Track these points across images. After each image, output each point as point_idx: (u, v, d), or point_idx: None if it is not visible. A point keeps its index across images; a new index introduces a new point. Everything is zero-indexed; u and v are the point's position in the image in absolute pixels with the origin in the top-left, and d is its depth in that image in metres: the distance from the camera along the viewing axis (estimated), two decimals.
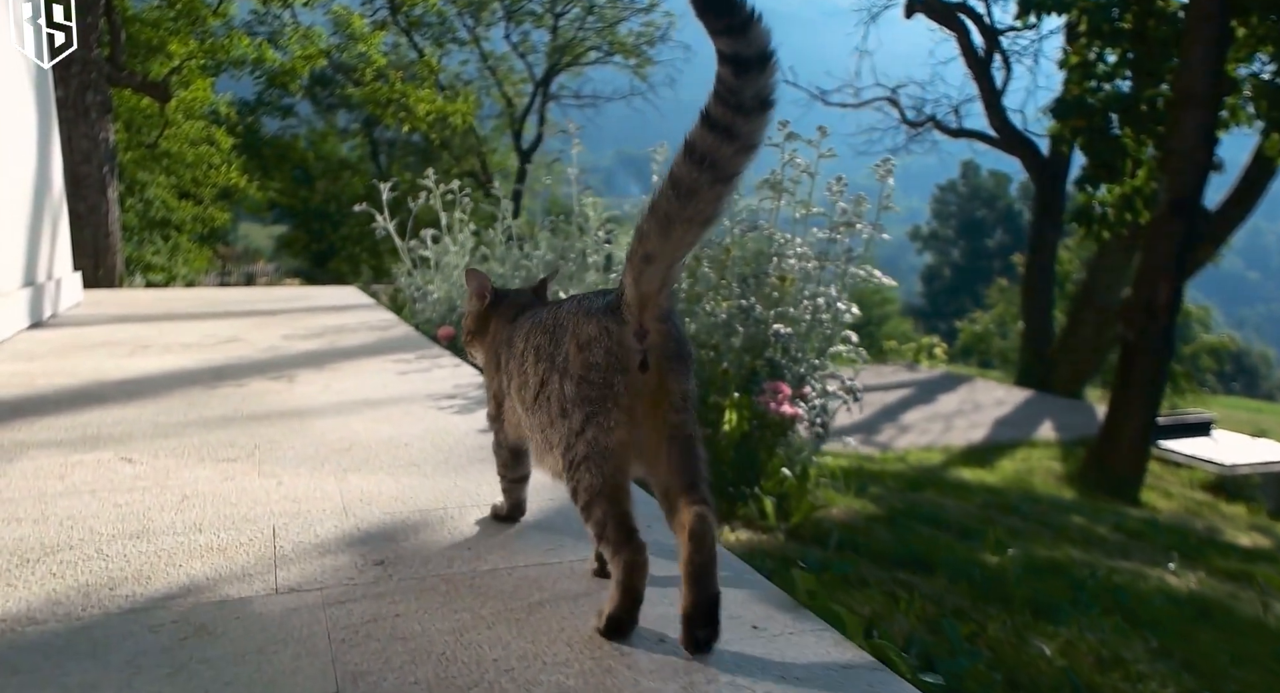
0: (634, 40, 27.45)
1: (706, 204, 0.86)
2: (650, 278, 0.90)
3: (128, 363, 2.75)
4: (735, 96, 0.81)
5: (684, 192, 0.85)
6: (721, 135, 0.83)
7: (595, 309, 0.95)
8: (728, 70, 0.80)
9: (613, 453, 0.93)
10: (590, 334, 0.94)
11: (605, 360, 0.93)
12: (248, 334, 3.48)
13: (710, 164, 0.84)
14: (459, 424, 1.96)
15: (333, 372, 2.63)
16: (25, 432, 1.87)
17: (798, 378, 2.69)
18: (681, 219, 0.87)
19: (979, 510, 3.47)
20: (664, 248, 0.88)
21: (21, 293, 3.52)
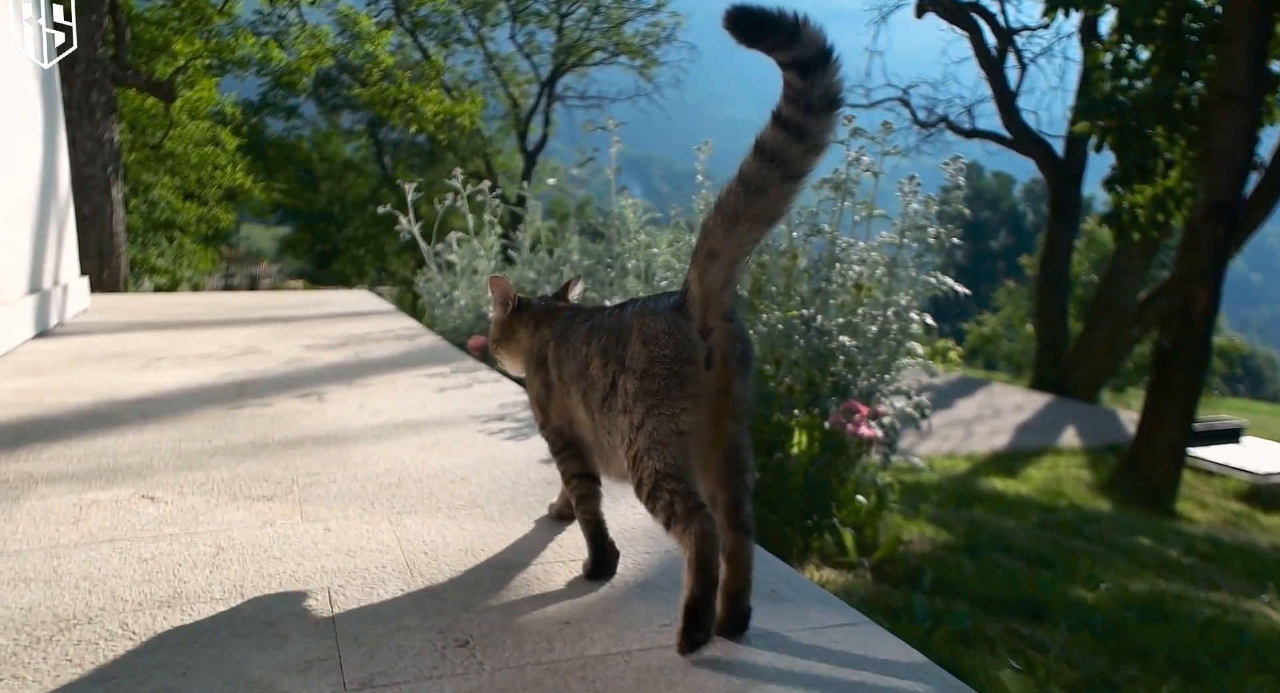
0: (640, 41, 27.29)
1: (773, 202, 0.88)
2: (714, 275, 0.91)
3: (142, 378, 2.55)
4: (804, 97, 0.82)
5: (753, 189, 0.87)
6: (792, 134, 0.84)
7: (660, 308, 0.96)
8: (793, 74, 0.82)
9: (675, 441, 0.92)
10: (657, 330, 0.94)
11: (672, 353, 0.93)
12: (267, 344, 3.28)
13: (780, 162, 0.86)
14: (516, 453, 1.76)
15: (364, 388, 2.43)
16: (33, 462, 1.67)
17: (864, 394, 2.49)
18: (748, 216, 0.88)
19: (1039, 531, 3.27)
20: (728, 244, 0.90)
21: (27, 300, 3.33)
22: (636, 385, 0.94)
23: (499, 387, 2.50)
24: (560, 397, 1.14)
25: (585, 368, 1.05)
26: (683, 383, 0.92)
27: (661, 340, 0.94)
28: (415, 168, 26.32)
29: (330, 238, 26.24)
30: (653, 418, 0.93)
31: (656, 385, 0.93)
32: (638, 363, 0.95)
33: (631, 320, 0.99)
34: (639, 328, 0.97)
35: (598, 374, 1.02)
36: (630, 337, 0.97)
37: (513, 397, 2.34)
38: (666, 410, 0.92)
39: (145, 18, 12.96)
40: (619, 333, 1.00)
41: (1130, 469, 7.26)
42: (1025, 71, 16.93)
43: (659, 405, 0.92)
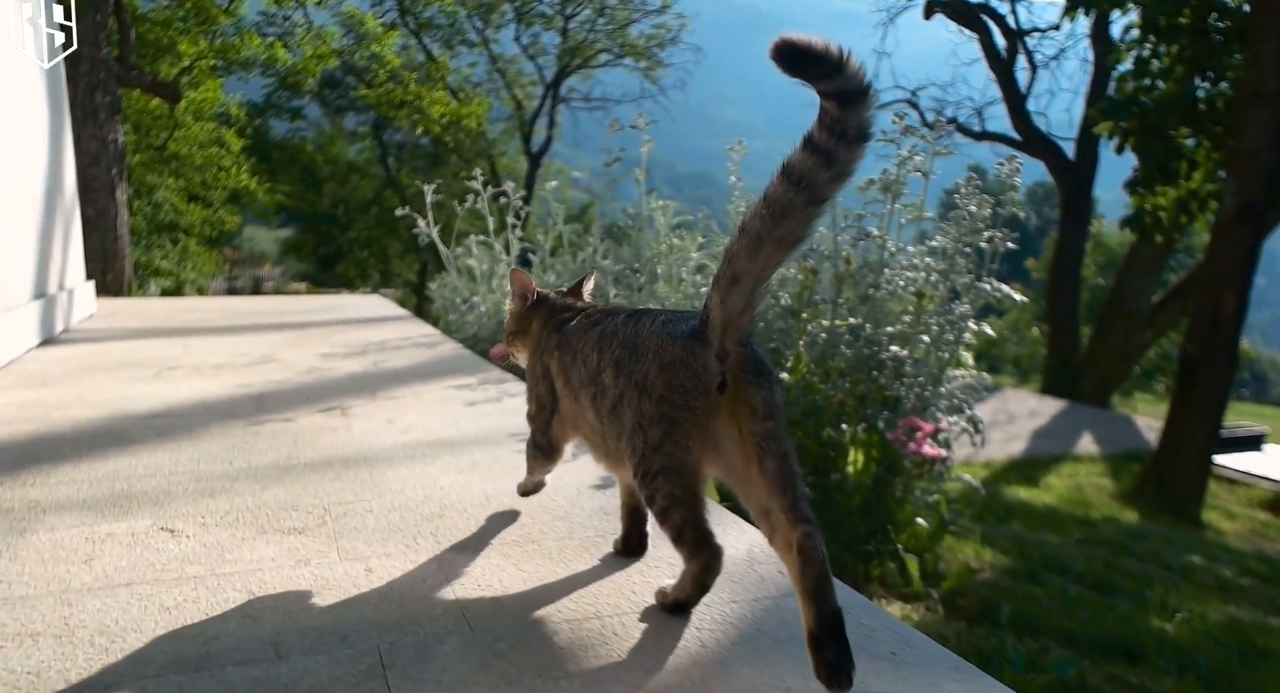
0: (645, 43, 27.19)
1: (798, 225, 0.89)
2: (736, 299, 0.93)
3: (154, 389, 2.41)
4: (840, 125, 0.84)
5: (778, 212, 0.88)
6: (821, 160, 0.85)
7: (680, 333, 0.98)
8: (832, 104, 0.83)
9: (687, 467, 0.98)
10: (675, 355, 0.97)
11: (690, 383, 0.95)
12: (281, 352, 3.14)
13: (807, 186, 0.87)
14: (564, 477, 1.62)
15: (389, 401, 2.30)
16: (41, 487, 1.53)
17: (916, 408, 2.35)
18: (772, 239, 0.89)
19: (1088, 550, 3.13)
20: (751, 268, 0.91)
21: (32, 306, 3.20)
22: (654, 409, 0.97)
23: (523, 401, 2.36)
24: (567, 402, 1.18)
25: (597, 375, 1.08)
26: (695, 412, 0.96)
27: (679, 369, 0.96)
28: (419, 170, 26.24)
29: (334, 240, 26.14)
30: (668, 443, 0.97)
31: (675, 413, 0.96)
32: (655, 388, 0.98)
33: (649, 341, 1.00)
34: (655, 351, 0.99)
35: (609, 383, 1.05)
36: (647, 357, 0.99)
37: None
38: (680, 437, 0.97)
39: (150, 18, 12.85)
40: (634, 349, 1.02)
41: (1155, 478, 7.11)
42: (1036, 73, 16.80)
43: (674, 432, 0.97)
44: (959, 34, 17.14)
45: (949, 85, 19.25)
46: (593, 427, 1.11)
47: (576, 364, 1.12)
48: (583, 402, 1.12)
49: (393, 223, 25.89)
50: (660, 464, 0.98)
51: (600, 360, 1.07)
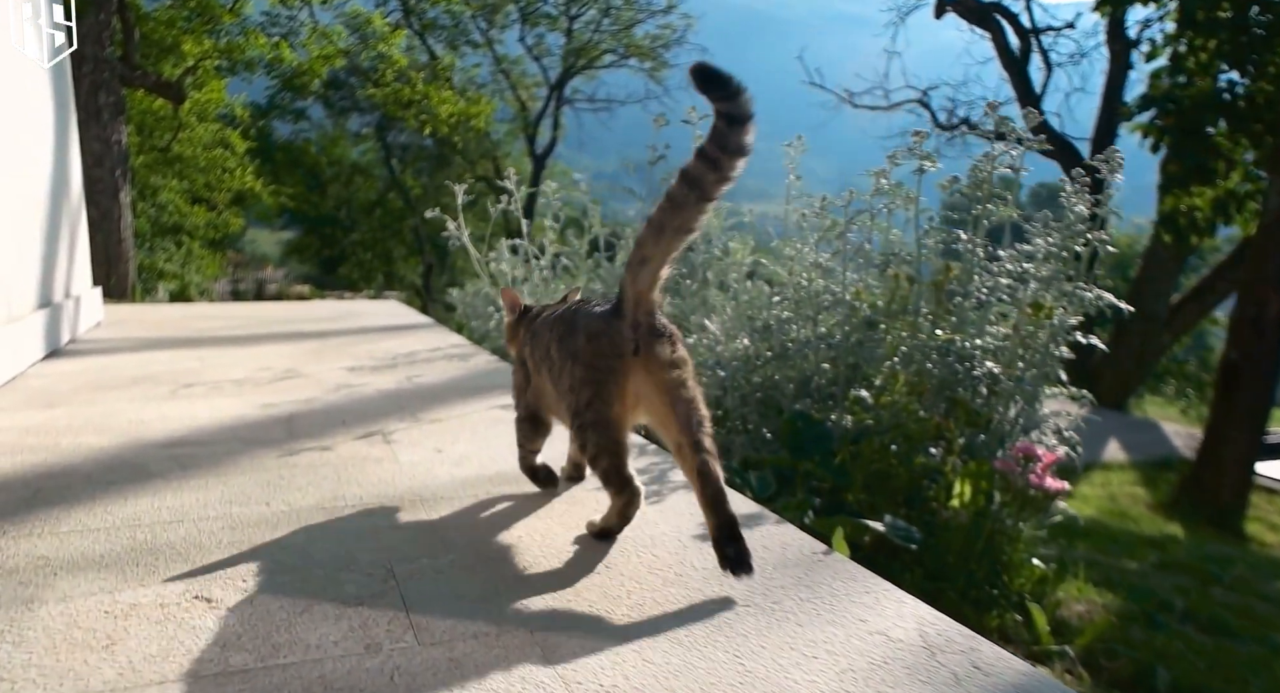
0: (650, 43, 27.01)
1: (691, 217, 1.13)
2: (644, 278, 1.16)
3: (171, 410, 2.19)
4: (725, 140, 1.08)
5: (676, 206, 1.12)
6: (710, 167, 1.09)
7: (601, 310, 1.23)
8: (723, 123, 1.07)
9: (612, 421, 1.20)
10: (598, 329, 1.20)
11: (610, 350, 1.18)
12: (304, 365, 2.92)
13: (698, 187, 1.11)
14: (658, 523, 1.40)
15: (433, 425, 2.07)
16: (51, 539, 1.31)
17: (1012, 431, 2.13)
18: (671, 228, 1.13)
19: (1171, 577, 2.90)
20: (656, 252, 1.15)
21: (37, 316, 2.97)
22: (583, 373, 1.20)
23: None
24: (535, 378, 1.42)
25: (548, 352, 1.32)
26: (616, 373, 1.18)
27: (600, 339, 1.19)
28: (423, 171, 26.05)
29: (337, 242, 25.92)
30: (596, 401, 1.19)
31: (597, 375, 1.18)
32: (583, 356, 1.20)
33: (580, 320, 1.25)
34: (584, 327, 1.23)
35: (556, 356, 1.28)
36: (578, 333, 1.23)
37: None
38: (605, 395, 1.18)
39: (154, 17, 12.64)
40: (570, 327, 1.26)
41: (1194, 487, 6.87)
42: (1051, 73, 16.58)
43: (600, 391, 1.18)
44: (970, 33, 16.93)
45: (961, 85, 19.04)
46: (551, 395, 1.36)
47: (538, 346, 1.38)
48: (541, 374, 1.38)
49: (396, 225, 25.68)
50: (590, 419, 1.20)
51: (549, 339, 1.32)
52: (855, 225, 2.31)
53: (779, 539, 1.32)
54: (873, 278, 2.45)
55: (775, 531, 1.36)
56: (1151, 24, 15.08)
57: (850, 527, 1.71)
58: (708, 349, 2.38)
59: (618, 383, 1.18)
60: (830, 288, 2.31)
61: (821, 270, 2.37)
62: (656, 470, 1.70)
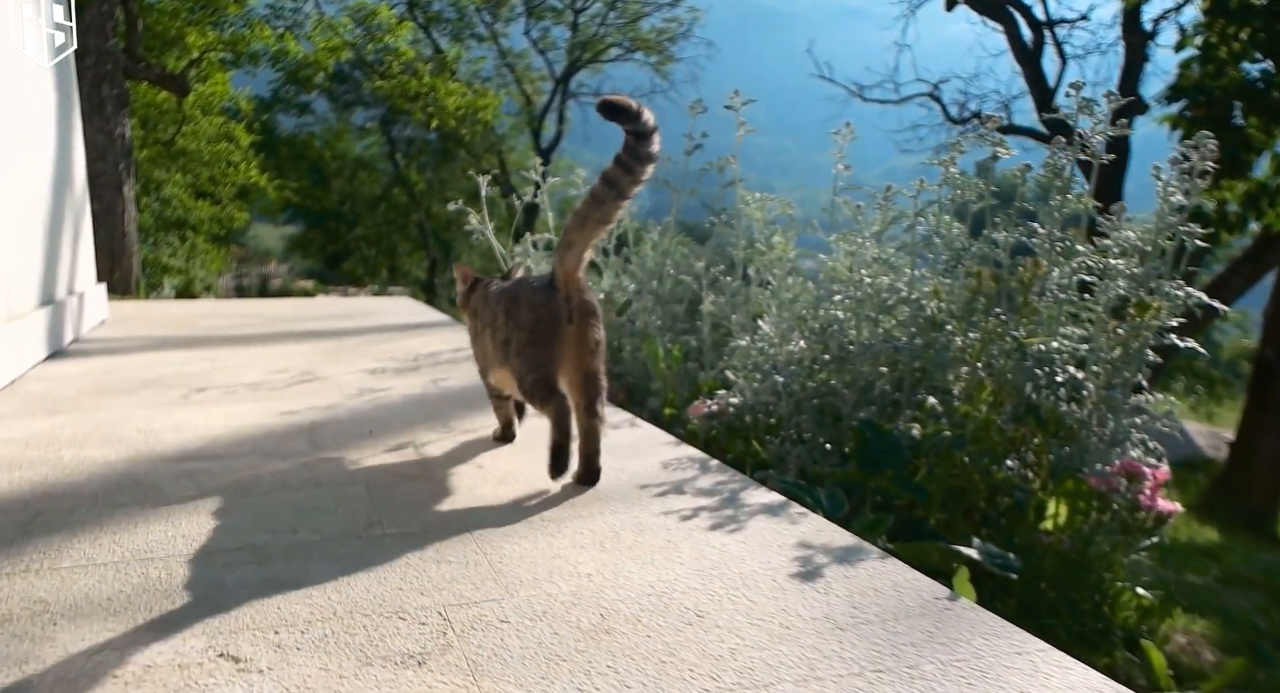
0: (656, 37, 26.77)
1: (610, 211, 1.43)
2: (570, 260, 1.46)
3: (183, 418, 2.02)
4: (636, 151, 1.38)
5: (598, 202, 1.41)
6: (624, 171, 1.40)
7: (539, 285, 1.51)
8: (632, 139, 1.37)
9: (552, 375, 1.47)
10: (539, 301, 1.48)
11: (547, 316, 1.46)
12: (322, 367, 2.75)
13: (615, 186, 1.40)
14: (744, 559, 1.22)
15: (468, 436, 1.90)
16: (50, 576, 1.14)
17: (1099, 444, 1.95)
18: (593, 220, 1.43)
19: (1242, 596, 2.73)
20: (579, 238, 1.45)
21: (39, 314, 2.81)
22: (528, 337, 1.48)
23: (640, 433, 1.96)
24: (480, 338, 1.69)
25: (494, 319, 1.60)
26: (553, 333, 1.46)
27: (541, 310, 1.47)
28: (427, 166, 25.88)
29: (341, 237, 25.75)
30: (539, 359, 1.47)
31: (539, 338, 1.47)
32: (527, 324, 1.49)
33: (524, 295, 1.52)
34: (527, 300, 1.50)
35: (501, 324, 1.56)
36: (522, 303, 1.51)
37: (668, 450, 1.80)
38: (544, 349, 1.46)
39: (158, 8, 12.46)
40: (515, 299, 1.54)
41: (1226, 490, 6.69)
42: (1066, 65, 16.35)
43: (539, 348, 1.47)
44: (982, 26, 16.70)
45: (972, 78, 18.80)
46: (494, 356, 1.61)
47: (485, 313, 1.65)
48: (486, 337, 1.64)
49: (401, 220, 25.52)
50: (535, 375, 1.45)
51: (497, 310, 1.59)
52: (924, 217, 2.13)
53: (890, 580, 1.14)
54: (933, 273, 2.27)
55: (882, 569, 1.18)
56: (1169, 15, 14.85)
57: (938, 553, 1.54)
58: (760, 352, 2.20)
59: (557, 345, 1.45)
60: (895, 285, 2.13)
61: (886, 267, 2.19)
62: (726, 490, 1.53)
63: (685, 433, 2.29)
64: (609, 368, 3.06)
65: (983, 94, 19.47)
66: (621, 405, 2.45)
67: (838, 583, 1.12)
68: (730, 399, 2.16)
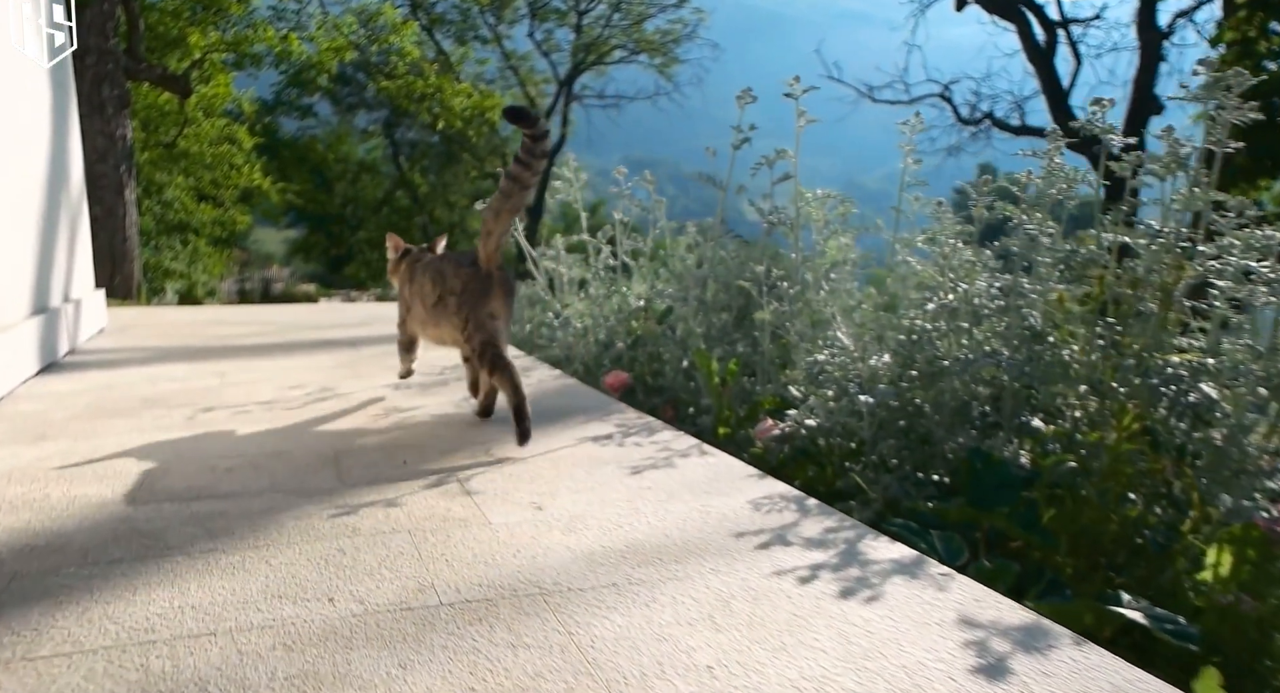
0: (660, 38, 26.58)
1: (517, 202, 1.80)
2: (490, 245, 1.83)
3: (189, 445, 1.77)
4: (533, 151, 1.75)
5: (506, 195, 1.79)
6: (525, 167, 1.76)
7: (465, 261, 1.87)
8: (530, 140, 1.73)
9: (488, 323, 1.82)
10: (464, 272, 1.85)
11: (474, 283, 1.83)
12: (340, 382, 2.50)
13: (519, 181, 1.77)
14: (911, 651, 0.97)
15: (519, 467, 1.65)
16: (22, 670, 0.89)
17: (1234, 474, 1.70)
18: (505, 209, 1.80)
19: None
20: (497, 227, 1.82)
21: (30, 324, 2.56)
22: (458, 299, 1.85)
23: (714, 464, 1.71)
24: (415, 306, 2.03)
25: (423, 287, 1.96)
26: (483, 296, 1.82)
27: (471, 279, 1.84)
28: (430, 168, 25.69)
29: (344, 241, 25.53)
30: (474, 315, 1.82)
31: (471, 299, 1.83)
32: (457, 287, 1.85)
33: (449, 267, 1.90)
34: (454, 270, 1.88)
35: (429, 291, 1.93)
36: (450, 274, 1.88)
37: (752, 485, 1.56)
38: (481, 309, 1.82)
39: (160, 8, 12.25)
40: (442, 270, 1.91)
41: None
42: (1080, 65, 16.11)
43: (475, 308, 1.82)
44: (992, 26, 16.48)
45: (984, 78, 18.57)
46: (423, 318, 1.98)
47: (417, 283, 2.00)
48: (417, 303, 1.99)
49: (404, 223, 25.30)
50: (473, 327, 1.83)
51: (425, 278, 1.96)
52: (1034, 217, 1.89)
53: (1104, 682, 0.89)
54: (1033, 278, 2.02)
55: (1085, 662, 0.93)
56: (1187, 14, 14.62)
57: (1092, 614, 1.29)
58: (837, 366, 1.96)
59: (486, 304, 1.80)
60: (993, 290, 1.89)
61: (982, 271, 1.95)
62: (840, 540, 1.28)
63: (750, 457, 2.04)
64: (652, 381, 2.83)
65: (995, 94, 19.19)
66: (669, 423, 2.21)
67: (1036, 684, 0.87)
68: (806, 421, 1.91)
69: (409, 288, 2.04)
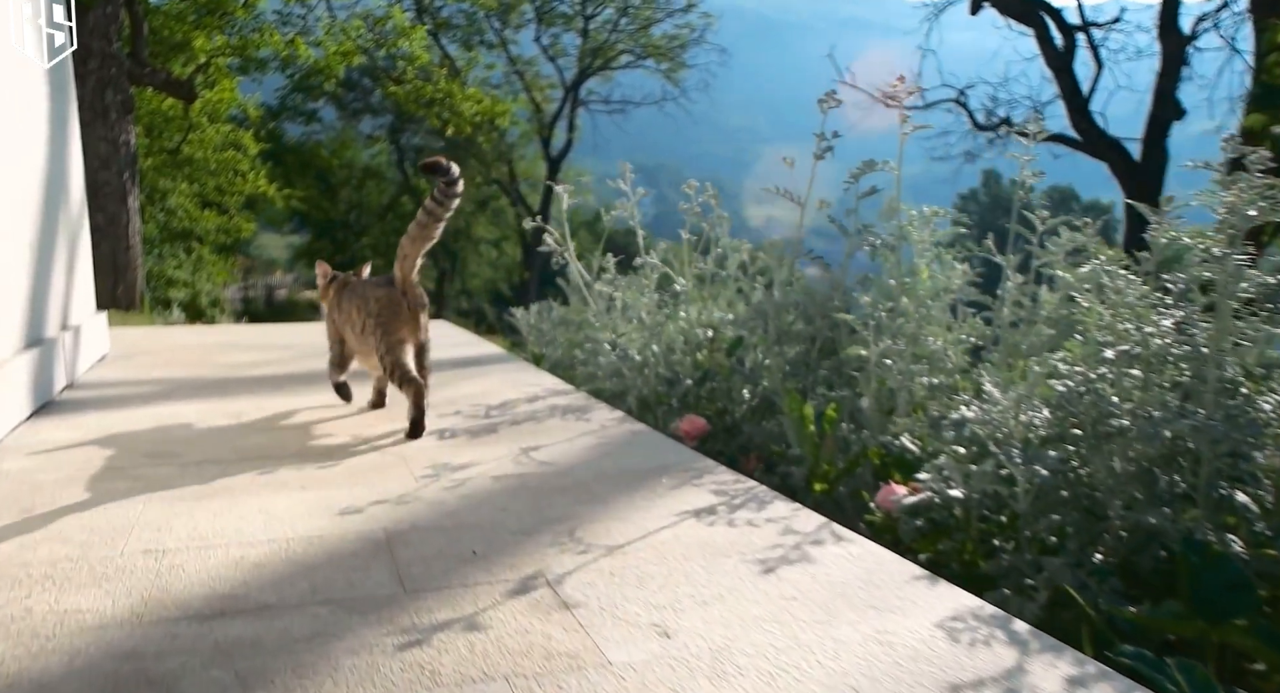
0: (668, 43, 26.33)
1: (431, 231, 2.04)
2: (406, 268, 2.06)
3: (207, 522, 1.45)
4: (448, 194, 2.00)
5: (422, 225, 2.03)
6: (439, 204, 2.00)
7: (383, 283, 2.10)
8: (442, 183, 1.99)
9: (396, 346, 2.04)
10: (384, 295, 2.06)
11: (389, 304, 2.06)
12: (372, 424, 2.17)
13: (433, 216, 2.02)
14: None
15: (618, 561, 1.32)
16: None
17: None
18: (421, 238, 2.05)
19: None
20: (412, 252, 2.06)
21: (20, 362, 2.25)
22: (374, 321, 2.05)
23: (860, 557, 1.38)
24: (345, 332, 2.23)
25: (350, 313, 2.16)
26: (395, 318, 2.04)
27: (386, 302, 2.06)
28: None
29: (348, 247, 25.24)
30: (386, 337, 2.04)
31: (384, 321, 2.04)
32: (373, 310, 2.06)
33: (370, 290, 2.10)
34: (373, 295, 2.08)
35: (356, 317, 2.13)
36: (371, 298, 2.08)
37: (928, 594, 1.23)
38: (392, 332, 2.04)
39: (164, 11, 11.97)
40: (365, 295, 2.11)
41: None
42: (1102, 70, 15.82)
43: (387, 332, 2.04)
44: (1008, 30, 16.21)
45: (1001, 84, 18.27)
46: (352, 338, 2.19)
47: (344, 309, 2.20)
48: (348, 329, 2.20)
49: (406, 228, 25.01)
50: (385, 348, 2.04)
51: (351, 305, 2.16)
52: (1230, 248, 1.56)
53: None
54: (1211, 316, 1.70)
55: None
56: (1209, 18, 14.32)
57: None
58: (984, 424, 1.63)
59: (398, 325, 2.05)
60: (1177, 332, 1.57)
61: (1152, 308, 1.62)
62: None
63: (869, 528, 1.72)
64: (718, 419, 2.51)
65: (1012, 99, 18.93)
66: (750, 474, 1.88)
67: None
68: (950, 490, 1.58)
69: (337, 313, 2.26)
